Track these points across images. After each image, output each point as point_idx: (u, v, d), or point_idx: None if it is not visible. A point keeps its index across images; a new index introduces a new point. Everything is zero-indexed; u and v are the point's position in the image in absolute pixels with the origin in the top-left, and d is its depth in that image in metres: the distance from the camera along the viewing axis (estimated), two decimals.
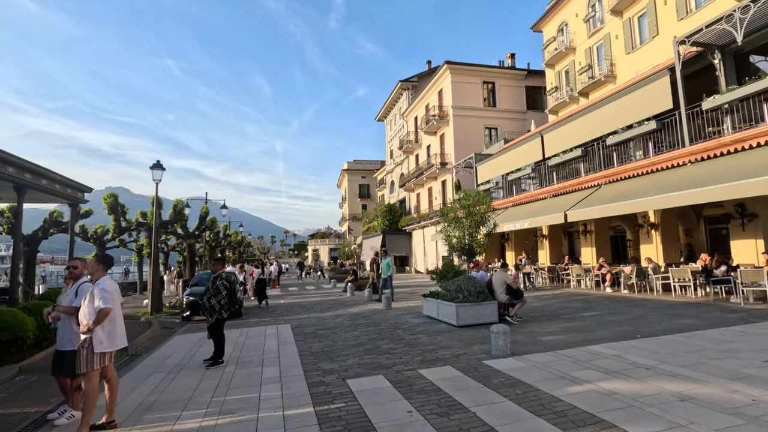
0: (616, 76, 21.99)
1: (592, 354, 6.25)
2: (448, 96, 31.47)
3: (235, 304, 7.34)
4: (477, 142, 30.22)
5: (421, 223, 34.49)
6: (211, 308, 6.82)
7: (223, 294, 6.89)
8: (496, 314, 9.27)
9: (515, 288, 9.27)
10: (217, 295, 6.85)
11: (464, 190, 9.90)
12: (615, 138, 14.08)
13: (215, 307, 6.81)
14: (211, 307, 6.82)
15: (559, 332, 8.05)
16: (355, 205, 61.06)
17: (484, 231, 9.59)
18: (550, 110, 27.10)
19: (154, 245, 13.50)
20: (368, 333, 9.07)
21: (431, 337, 8.27)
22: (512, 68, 33.12)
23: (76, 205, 12.35)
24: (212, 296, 6.86)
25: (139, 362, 7.46)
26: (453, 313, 9.13)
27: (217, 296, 6.85)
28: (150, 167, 13.31)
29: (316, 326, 10.39)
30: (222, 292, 6.89)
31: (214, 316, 6.83)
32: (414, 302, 14.35)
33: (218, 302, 6.83)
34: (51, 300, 8.28)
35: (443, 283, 9.96)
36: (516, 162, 20.11)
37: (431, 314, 10.40)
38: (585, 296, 13.43)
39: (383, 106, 46.46)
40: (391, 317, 11.11)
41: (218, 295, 6.86)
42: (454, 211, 9.58)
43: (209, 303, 6.84)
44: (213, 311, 6.81)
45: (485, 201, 9.58)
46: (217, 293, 6.87)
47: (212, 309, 6.81)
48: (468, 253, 9.76)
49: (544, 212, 15.56)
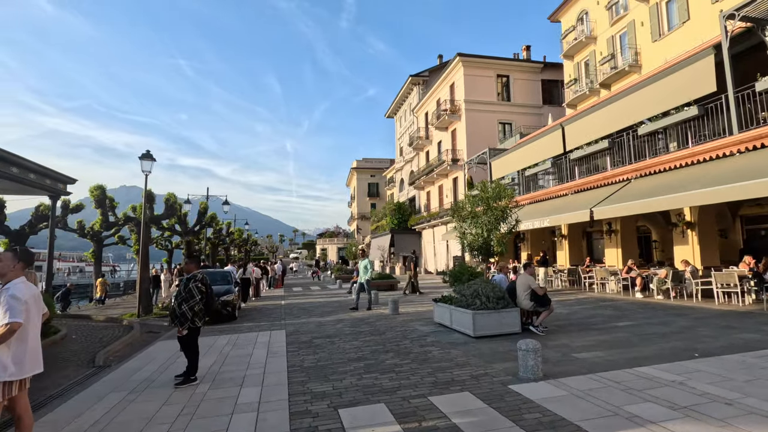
0: (641, 65, 20.57)
1: (646, 379, 5.02)
2: (460, 90, 30.19)
3: (211, 311, 6.23)
4: (490, 138, 28.88)
5: (431, 222, 33.25)
6: (181, 316, 5.72)
7: (197, 299, 5.79)
8: (518, 323, 8.06)
9: (541, 294, 8.05)
10: (189, 300, 5.75)
11: (482, 182, 8.69)
12: (648, 127, 12.74)
13: (186, 315, 5.71)
14: (181, 315, 5.72)
15: (596, 347, 6.81)
16: (364, 204, 60.00)
17: (504, 228, 8.41)
18: (568, 104, 25.71)
19: (142, 241, 12.53)
20: (371, 343, 7.92)
21: (444, 350, 7.09)
22: (527, 61, 31.70)
23: (57, 198, 11.40)
24: (183, 301, 5.76)
25: (103, 376, 6.41)
26: (469, 321, 7.94)
27: (190, 301, 5.75)
28: (139, 157, 12.34)
29: (313, 333, 9.28)
30: (195, 297, 5.79)
31: (186, 325, 5.74)
32: (423, 306, 13.17)
33: (190, 309, 5.73)
34: None
35: (457, 287, 8.78)
36: (534, 156, 18.80)
37: (443, 322, 9.22)
38: (613, 302, 12.13)
39: (393, 103, 45.30)
40: (398, 324, 9.95)
41: (191, 300, 5.76)
42: (471, 204, 8.39)
43: (179, 309, 5.75)
44: (184, 319, 5.72)
45: (507, 194, 8.38)
46: (189, 298, 5.77)
47: (183, 317, 5.72)
48: (485, 253, 8.56)
49: (566, 209, 14.26)
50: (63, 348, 8.32)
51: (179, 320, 5.74)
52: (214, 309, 6.09)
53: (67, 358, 7.60)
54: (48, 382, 6.16)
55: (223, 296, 11.69)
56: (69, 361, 7.39)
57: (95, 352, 7.84)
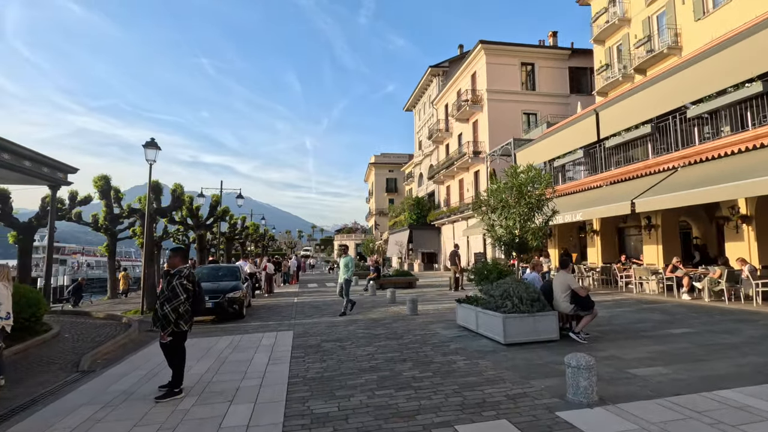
0: (682, 47, 18.94)
1: (735, 408, 3.93)
2: (482, 79, 28.86)
3: (200, 312, 5.38)
4: (514, 129, 27.47)
5: (451, 218, 32.10)
6: (163, 318, 4.89)
7: (181, 298, 4.94)
8: (555, 329, 6.99)
9: (583, 295, 6.95)
10: (172, 300, 4.91)
11: (512, 166, 7.61)
12: (699, 109, 11.36)
13: (169, 317, 4.86)
14: (163, 317, 4.88)
15: (654, 360, 5.70)
16: (381, 199, 59.06)
17: (539, 219, 7.33)
18: (598, 91, 24.15)
19: (146, 235, 11.89)
20: (386, 350, 6.98)
21: (471, 360, 6.09)
22: (554, 47, 30.12)
23: (57, 188, 10.83)
24: (166, 302, 4.92)
25: (82, 384, 5.65)
26: (499, 326, 6.92)
27: (173, 301, 4.90)
28: (143, 145, 11.68)
29: (323, 336, 8.40)
30: (180, 296, 4.94)
31: (168, 329, 4.89)
32: (444, 305, 12.17)
33: (173, 310, 4.88)
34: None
35: (484, 287, 7.74)
36: (563, 146, 17.48)
37: (468, 325, 8.21)
38: (657, 304, 10.87)
39: (412, 95, 44.15)
40: (417, 327, 8.98)
41: (174, 299, 4.91)
42: (500, 192, 7.29)
43: (161, 311, 4.91)
44: (166, 322, 4.88)
45: (544, 179, 7.26)
46: (172, 297, 4.92)
47: (165, 319, 4.88)
48: (518, 249, 7.47)
49: (601, 202, 13.00)
50: (50, 348, 7.66)
51: (161, 323, 4.91)
52: (202, 310, 5.23)
53: (52, 360, 6.92)
54: (20, 390, 5.44)
55: (229, 293, 10.96)
56: (52, 364, 6.70)
57: (84, 354, 7.13)
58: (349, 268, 11.58)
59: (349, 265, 11.62)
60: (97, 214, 19.84)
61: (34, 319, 8.07)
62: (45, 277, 10.93)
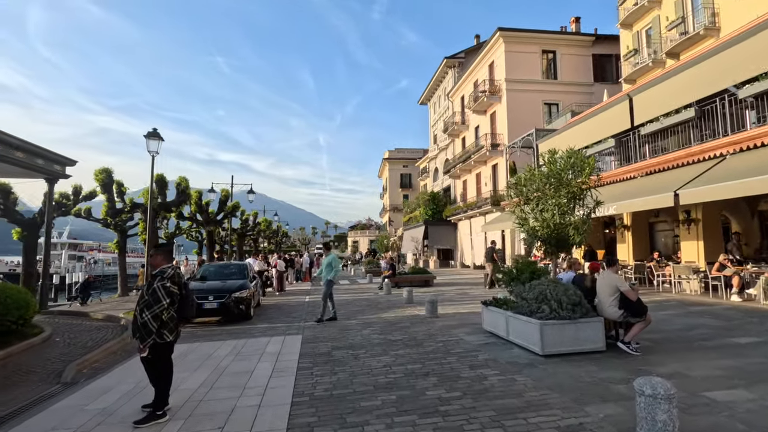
0: (720, 27, 17.56)
1: None
2: (500, 68, 27.67)
3: (189, 318, 4.59)
4: (534, 121, 26.25)
5: (468, 213, 31.04)
6: (142, 326, 4.11)
7: (164, 304, 4.15)
8: (601, 338, 6.04)
9: (634, 299, 5.98)
10: (152, 306, 4.12)
11: (550, 151, 6.64)
12: (752, 88, 10.18)
13: (149, 326, 4.08)
14: (142, 325, 4.11)
15: (731, 380, 4.72)
16: (396, 195, 58.23)
17: (580, 211, 6.36)
18: (625, 79, 22.81)
19: (149, 230, 11.26)
20: (406, 360, 6.12)
21: (505, 375, 5.19)
22: (576, 33, 28.72)
23: (54, 181, 10.24)
24: (145, 308, 4.15)
25: (59, 399, 4.95)
26: (535, 334, 6.00)
27: (153, 307, 4.12)
28: (144, 135, 11.02)
29: (334, 341, 7.59)
30: (162, 301, 4.15)
31: (148, 340, 4.12)
32: (465, 307, 11.26)
33: (154, 317, 4.10)
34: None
35: (515, 288, 6.82)
36: (591, 135, 16.31)
37: (496, 331, 7.30)
38: (705, 306, 9.78)
39: (426, 88, 43.07)
40: (438, 332, 8.10)
41: (155, 305, 4.13)
42: (535, 180, 6.31)
43: (141, 318, 4.14)
44: (146, 332, 4.10)
45: (588, 165, 6.26)
46: (154, 302, 4.14)
47: (144, 328, 4.10)
48: (557, 245, 6.51)
49: (637, 194, 11.87)
50: (36, 355, 7.02)
51: (140, 334, 4.14)
52: (191, 316, 4.46)
53: (33, 369, 6.26)
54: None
55: (235, 293, 10.24)
56: (33, 374, 6.04)
57: (70, 362, 6.46)
58: (332, 268, 10.23)
59: (332, 264, 10.28)
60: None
61: (22, 322, 7.47)
62: (42, 276, 10.36)
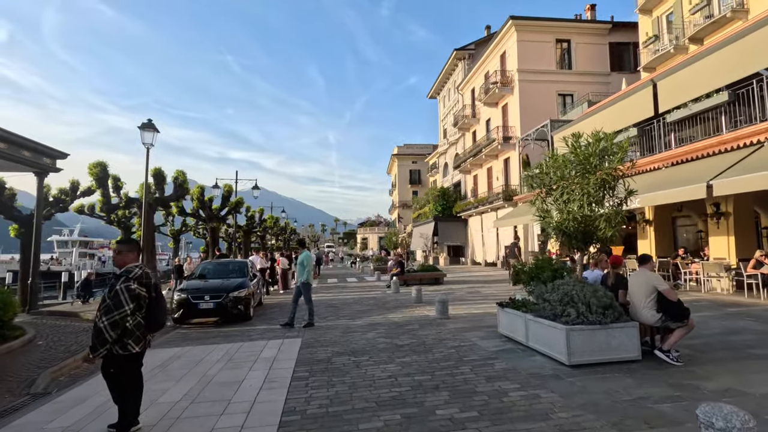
0: (748, 9, 16.48)
1: None
2: (512, 59, 26.72)
3: (160, 325, 3.97)
4: (548, 112, 25.27)
5: (479, 209, 30.20)
6: (96, 334, 3.49)
7: (126, 310, 3.53)
8: (635, 345, 5.30)
9: (675, 300, 5.23)
10: (113, 312, 3.50)
11: (574, 134, 5.88)
12: None
13: (105, 334, 3.45)
14: (96, 332, 3.49)
15: None
16: (405, 191, 57.48)
17: (609, 202, 5.60)
18: (645, 67, 21.74)
19: (145, 225, 10.73)
20: (413, 369, 5.46)
21: (528, 390, 4.50)
22: (592, 21, 27.62)
23: (44, 175, 9.76)
24: (104, 314, 3.53)
25: (22, 414, 4.39)
26: (560, 340, 5.29)
27: (113, 313, 3.49)
28: (138, 127, 10.49)
29: (336, 346, 6.96)
30: (124, 306, 3.53)
31: (99, 351, 3.49)
32: (478, 307, 10.55)
33: (112, 324, 3.47)
34: None
35: (536, 288, 6.10)
36: (610, 125, 15.29)
37: (514, 336, 6.59)
38: (742, 307, 8.94)
39: (436, 81, 42.17)
40: (449, 335, 7.41)
41: (117, 310, 3.51)
42: (562, 165, 5.54)
43: (97, 324, 3.52)
44: (99, 341, 3.47)
45: (621, 149, 5.48)
46: (116, 307, 3.52)
47: (98, 337, 3.47)
48: (585, 239, 5.74)
49: (664, 185, 11.03)
50: (13, 360, 6.50)
51: (93, 343, 3.52)
52: (157, 325, 3.84)
53: (6, 376, 5.73)
54: None
55: (233, 292, 9.67)
56: (4, 381, 5.50)
57: (48, 368, 5.92)
58: (304, 268, 8.91)
59: (304, 263, 8.94)
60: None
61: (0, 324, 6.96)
62: (32, 275, 9.90)
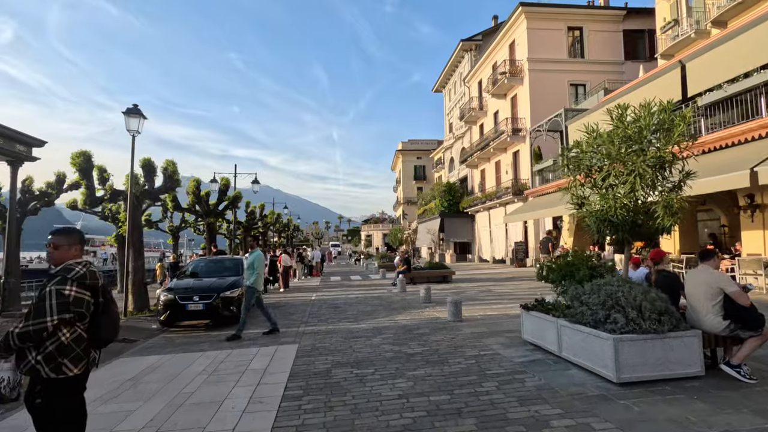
0: None
1: None
2: (522, 48, 25.68)
3: (108, 339, 3.07)
4: (559, 103, 24.19)
5: (486, 204, 29.23)
6: (4, 347, 2.60)
7: (46, 321, 2.58)
8: (698, 358, 4.39)
9: (747, 304, 4.30)
10: (30, 321, 2.57)
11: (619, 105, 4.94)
12: None
13: (9, 341, 2.56)
14: (4, 344, 2.60)
15: None
16: (410, 188, 56.55)
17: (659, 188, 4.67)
18: (662, 54, 20.64)
19: (130, 219, 9.91)
20: (427, 385, 4.57)
21: (574, 418, 3.59)
22: (605, 7, 26.51)
23: (18, 163, 8.94)
24: (24, 319, 2.64)
25: None
26: (606, 352, 4.38)
27: (29, 322, 2.56)
28: (123, 112, 9.65)
29: (336, 354, 6.08)
30: (46, 317, 2.60)
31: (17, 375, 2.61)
32: (493, 308, 9.65)
33: (21, 334, 2.54)
34: None
35: (570, 289, 5.18)
36: None
37: (543, 344, 5.68)
38: None
39: (441, 74, 41.13)
40: (465, 342, 6.52)
41: (35, 319, 2.58)
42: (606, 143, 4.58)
43: (11, 328, 2.63)
44: (18, 363, 2.60)
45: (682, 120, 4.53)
46: (36, 314, 2.60)
47: (4, 347, 2.58)
48: (633, 232, 4.79)
49: (699, 174, 10.03)
50: None
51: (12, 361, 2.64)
52: (105, 340, 2.97)
53: None
54: None
55: (224, 292, 8.82)
56: None
57: None
58: (254, 270, 7.67)
59: (254, 265, 7.70)
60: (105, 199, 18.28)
61: None
62: (5, 273, 9.09)
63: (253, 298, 7.76)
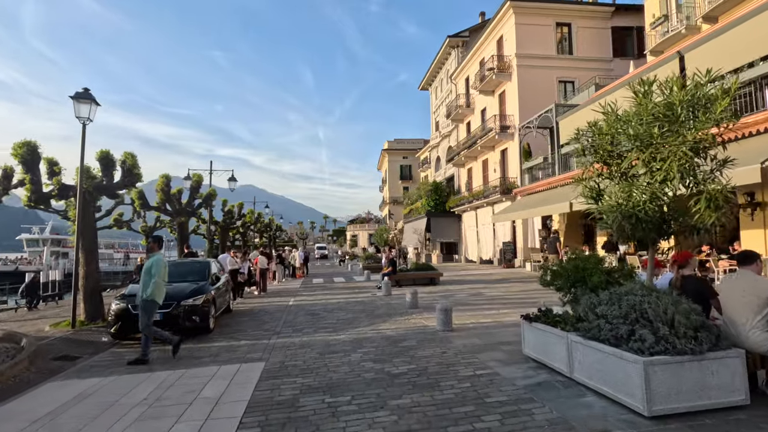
0: None
1: None
2: (510, 43, 25.06)
3: None
4: (548, 100, 23.62)
5: (473, 203, 28.56)
6: None
7: None
8: (743, 383, 3.62)
9: None
10: None
11: (644, 80, 4.18)
12: None
13: None
14: None
15: None
16: (396, 187, 55.77)
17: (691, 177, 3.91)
18: (652, 50, 20.21)
19: (79, 217, 8.81)
20: (414, 421, 3.70)
21: None
22: (594, 3, 26.10)
23: None
24: None
25: None
26: (634, 377, 3.57)
27: None
28: (71, 96, 8.56)
29: (308, 375, 5.17)
30: None
31: None
32: (486, 315, 8.83)
33: None
34: None
35: (584, 298, 4.38)
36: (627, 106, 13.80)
37: (548, 361, 4.86)
38: None
39: (427, 72, 40.41)
40: (458, 358, 5.67)
41: None
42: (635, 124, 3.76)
43: None
44: None
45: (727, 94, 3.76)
46: None
47: None
48: (660, 229, 4.00)
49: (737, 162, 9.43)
50: None
51: None
52: None
53: None
54: None
55: (187, 299, 7.81)
56: None
57: None
58: (152, 278, 6.20)
59: (152, 271, 6.25)
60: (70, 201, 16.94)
61: None
62: None
63: (152, 313, 6.35)
